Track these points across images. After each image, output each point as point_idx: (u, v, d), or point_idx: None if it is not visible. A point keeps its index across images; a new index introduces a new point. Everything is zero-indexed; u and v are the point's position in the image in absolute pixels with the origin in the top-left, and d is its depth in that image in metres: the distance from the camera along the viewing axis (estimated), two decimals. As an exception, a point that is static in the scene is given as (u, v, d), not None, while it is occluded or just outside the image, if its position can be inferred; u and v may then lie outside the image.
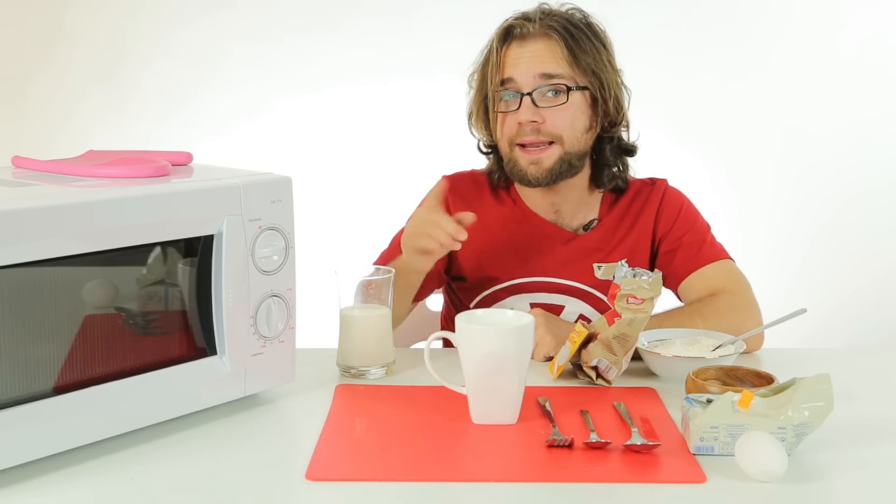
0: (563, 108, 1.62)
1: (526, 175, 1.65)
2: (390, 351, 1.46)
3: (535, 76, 1.61)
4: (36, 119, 3.40)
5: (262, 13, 3.33)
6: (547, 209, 1.73)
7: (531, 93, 1.61)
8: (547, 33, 1.62)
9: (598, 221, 1.73)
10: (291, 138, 3.35)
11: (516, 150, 1.65)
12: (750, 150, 3.33)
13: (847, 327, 3.21)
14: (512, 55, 1.64)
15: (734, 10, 3.27)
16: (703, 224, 1.75)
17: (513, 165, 1.66)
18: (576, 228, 1.73)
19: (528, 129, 1.62)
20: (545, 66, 1.61)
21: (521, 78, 1.62)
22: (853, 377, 1.46)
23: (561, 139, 1.63)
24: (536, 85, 1.61)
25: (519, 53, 1.63)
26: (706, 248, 1.70)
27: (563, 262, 1.71)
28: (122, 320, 1.17)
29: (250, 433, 1.23)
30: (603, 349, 1.38)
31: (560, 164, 1.64)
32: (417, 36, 3.27)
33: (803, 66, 3.27)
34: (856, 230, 3.34)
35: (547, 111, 1.61)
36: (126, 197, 1.14)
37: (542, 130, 1.62)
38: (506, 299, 1.71)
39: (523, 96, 1.61)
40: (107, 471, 1.11)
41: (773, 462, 1.07)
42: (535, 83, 1.61)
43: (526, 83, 1.62)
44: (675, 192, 1.77)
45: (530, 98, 1.61)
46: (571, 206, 1.73)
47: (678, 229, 1.71)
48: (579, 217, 1.74)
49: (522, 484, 1.09)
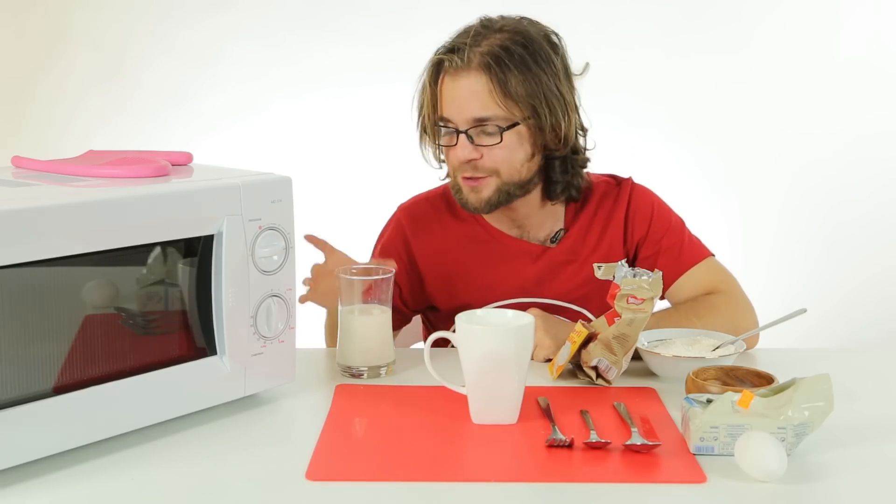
0: (498, 146, 1.57)
1: (467, 203, 1.63)
2: (390, 351, 1.46)
3: (467, 119, 1.57)
4: (37, 119, 3.40)
5: (262, 14, 3.33)
6: (509, 225, 1.70)
7: (467, 131, 1.57)
8: (477, 68, 1.56)
9: (564, 232, 1.70)
10: (291, 138, 3.35)
11: (459, 179, 1.63)
12: (749, 151, 3.33)
13: (846, 327, 3.21)
14: (446, 91, 1.59)
15: (733, 13, 3.27)
16: (677, 222, 1.71)
17: (457, 191, 1.64)
18: (543, 240, 1.70)
19: (467, 166, 1.59)
20: (475, 110, 1.56)
21: (455, 118, 1.58)
22: (853, 377, 1.46)
23: (498, 172, 1.59)
24: (470, 125, 1.57)
25: (452, 90, 1.58)
26: (687, 249, 1.67)
27: (537, 281, 1.67)
28: (122, 320, 1.17)
29: (250, 433, 1.23)
30: (603, 349, 1.38)
31: (497, 194, 1.60)
32: (417, 36, 3.25)
33: (802, 67, 3.28)
34: (855, 230, 3.34)
35: (484, 148, 1.58)
36: (126, 197, 1.14)
37: (479, 167, 1.59)
38: None
39: (459, 133, 1.58)
40: (107, 471, 1.11)
41: (773, 462, 1.07)
42: (469, 124, 1.57)
43: (461, 122, 1.58)
44: (642, 191, 1.73)
45: (466, 136, 1.57)
46: (533, 219, 1.69)
47: (655, 232, 1.68)
48: (545, 228, 1.70)
49: (522, 484, 1.09)
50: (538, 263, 1.68)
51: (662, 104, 3.13)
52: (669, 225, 1.70)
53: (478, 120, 1.56)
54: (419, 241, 1.72)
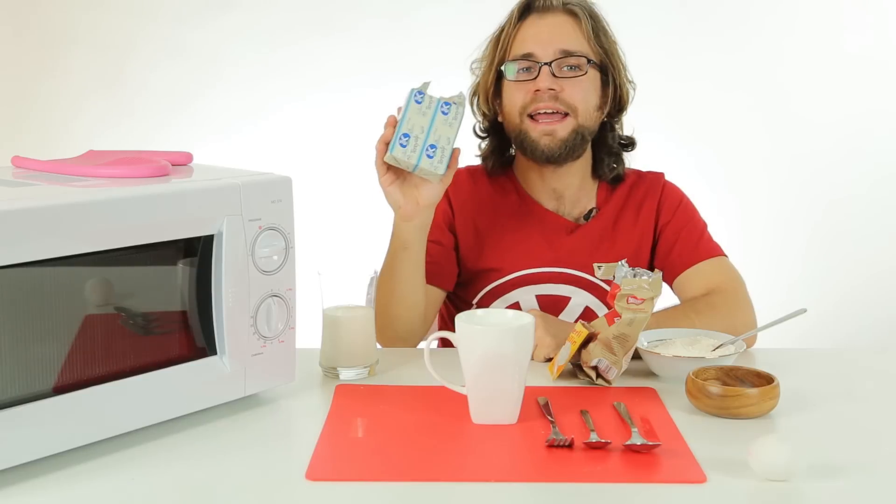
0: (580, 80, 1.64)
1: (538, 146, 1.64)
2: (373, 351, 1.46)
3: (555, 50, 1.63)
4: (38, 120, 3.40)
5: (263, 16, 3.33)
6: (549, 196, 1.73)
7: (550, 63, 1.62)
8: (568, 8, 1.65)
9: (597, 210, 1.73)
10: (291, 139, 3.35)
11: (527, 122, 1.64)
12: (748, 152, 3.34)
13: (846, 326, 3.21)
14: (531, 29, 1.65)
15: (735, 14, 3.28)
16: (700, 221, 1.76)
17: (524, 137, 1.65)
18: (577, 218, 1.74)
19: (546, 96, 1.62)
20: (566, 41, 1.63)
21: (540, 51, 1.63)
22: (853, 377, 1.46)
23: (576, 111, 1.64)
24: (556, 57, 1.63)
25: (538, 27, 1.65)
26: (703, 244, 1.71)
27: (570, 252, 1.70)
28: (122, 320, 1.17)
29: (250, 433, 1.23)
30: (603, 349, 1.38)
31: (574, 136, 1.64)
32: (418, 38, 3.28)
33: (801, 69, 3.28)
34: (855, 230, 3.34)
35: (565, 81, 1.63)
36: (126, 197, 1.14)
37: (560, 98, 1.63)
38: (510, 293, 1.71)
39: (542, 66, 1.62)
40: (107, 471, 1.11)
41: (784, 462, 1.07)
42: (554, 56, 1.63)
43: (545, 55, 1.63)
44: (673, 186, 1.79)
45: (549, 68, 1.62)
46: (573, 192, 1.73)
47: (677, 222, 1.73)
48: (579, 206, 1.74)
49: (522, 484, 1.09)
50: (572, 237, 1.72)
51: (662, 104, 3.13)
52: (691, 220, 1.75)
53: (564, 51, 1.63)
54: (459, 203, 1.74)
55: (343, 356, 1.43)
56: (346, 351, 1.43)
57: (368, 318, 1.45)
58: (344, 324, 1.43)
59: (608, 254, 1.69)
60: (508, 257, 1.71)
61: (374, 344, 1.46)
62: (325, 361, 1.44)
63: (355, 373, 1.43)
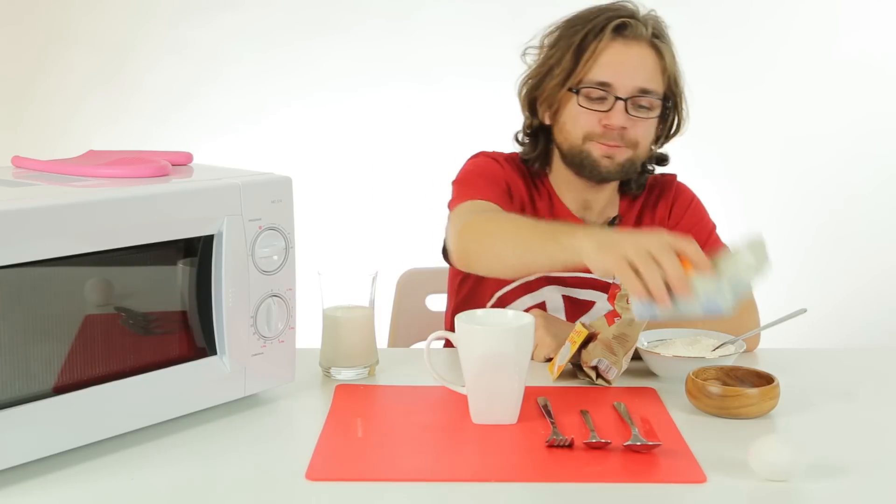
0: (647, 120, 1.63)
1: (599, 167, 1.64)
2: (373, 351, 1.46)
3: (634, 87, 1.60)
4: (37, 119, 3.40)
5: (263, 15, 3.33)
6: (579, 205, 1.73)
7: (626, 99, 1.60)
8: (653, 41, 1.62)
9: (620, 218, 1.74)
10: (292, 139, 3.35)
11: (590, 143, 1.64)
12: (751, 152, 3.33)
13: (847, 327, 3.21)
14: (616, 56, 1.61)
15: (737, 15, 3.27)
16: (709, 222, 1.77)
17: (585, 156, 1.64)
18: (601, 226, 1.74)
19: (614, 134, 1.61)
20: (646, 80, 1.61)
21: (620, 84, 1.60)
22: (853, 377, 1.46)
23: (637, 146, 1.64)
24: (633, 94, 1.60)
25: (624, 56, 1.61)
26: (710, 244, 1.71)
27: None
28: (122, 320, 1.17)
29: (250, 433, 1.23)
30: (603, 349, 1.38)
31: (629, 164, 1.65)
32: (419, 38, 3.27)
33: (804, 68, 3.27)
34: (856, 230, 3.34)
35: (636, 120, 1.62)
36: (126, 197, 1.14)
37: (624, 137, 1.62)
38: (539, 290, 1.70)
39: (617, 100, 1.60)
40: (107, 471, 1.11)
41: (785, 462, 1.07)
42: (632, 92, 1.60)
43: (624, 90, 1.60)
44: (685, 188, 1.80)
45: (624, 105, 1.60)
46: (600, 204, 1.74)
47: (687, 221, 1.74)
48: (603, 215, 1.75)
49: (522, 484, 1.09)
50: None
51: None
52: (701, 220, 1.76)
53: (642, 90, 1.61)
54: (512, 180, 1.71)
55: (343, 356, 1.43)
56: (346, 351, 1.43)
57: (368, 318, 1.44)
58: (344, 324, 1.43)
59: None
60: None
61: (374, 344, 1.46)
62: (325, 361, 1.44)
63: (355, 373, 1.43)
